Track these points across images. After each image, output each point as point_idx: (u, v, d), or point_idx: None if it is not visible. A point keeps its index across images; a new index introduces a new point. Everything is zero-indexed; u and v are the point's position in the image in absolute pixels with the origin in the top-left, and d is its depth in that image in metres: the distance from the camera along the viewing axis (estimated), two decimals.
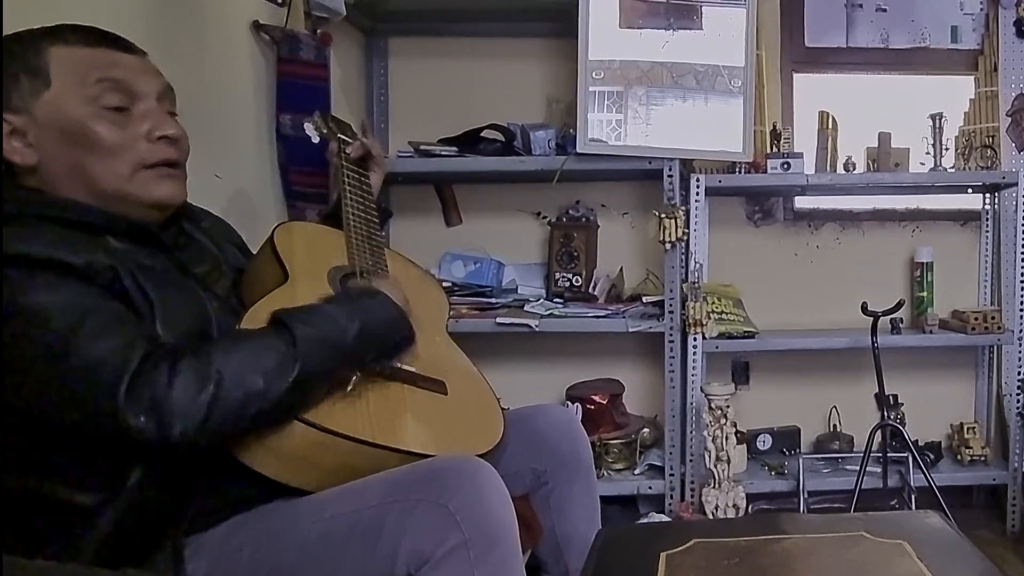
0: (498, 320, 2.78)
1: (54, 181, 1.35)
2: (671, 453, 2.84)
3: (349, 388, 1.43)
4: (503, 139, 2.91)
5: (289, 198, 2.55)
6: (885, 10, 3.25)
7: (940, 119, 2.96)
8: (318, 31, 2.60)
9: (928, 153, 2.98)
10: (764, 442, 3.12)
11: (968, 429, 3.06)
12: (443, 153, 2.87)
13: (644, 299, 2.96)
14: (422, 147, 2.88)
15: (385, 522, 1.30)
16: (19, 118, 1.32)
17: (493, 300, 2.98)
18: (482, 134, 2.92)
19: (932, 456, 3.01)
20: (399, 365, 1.57)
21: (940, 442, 3.13)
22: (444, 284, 2.93)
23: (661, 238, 2.76)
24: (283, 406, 1.31)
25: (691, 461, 2.86)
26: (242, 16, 2.38)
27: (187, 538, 1.37)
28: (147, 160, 1.40)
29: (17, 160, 1.33)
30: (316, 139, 2.18)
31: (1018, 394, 2.97)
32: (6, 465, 1.30)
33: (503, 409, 1.73)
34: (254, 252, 1.73)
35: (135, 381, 1.19)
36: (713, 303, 2.92)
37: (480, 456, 1.43)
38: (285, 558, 1.33)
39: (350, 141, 2.08)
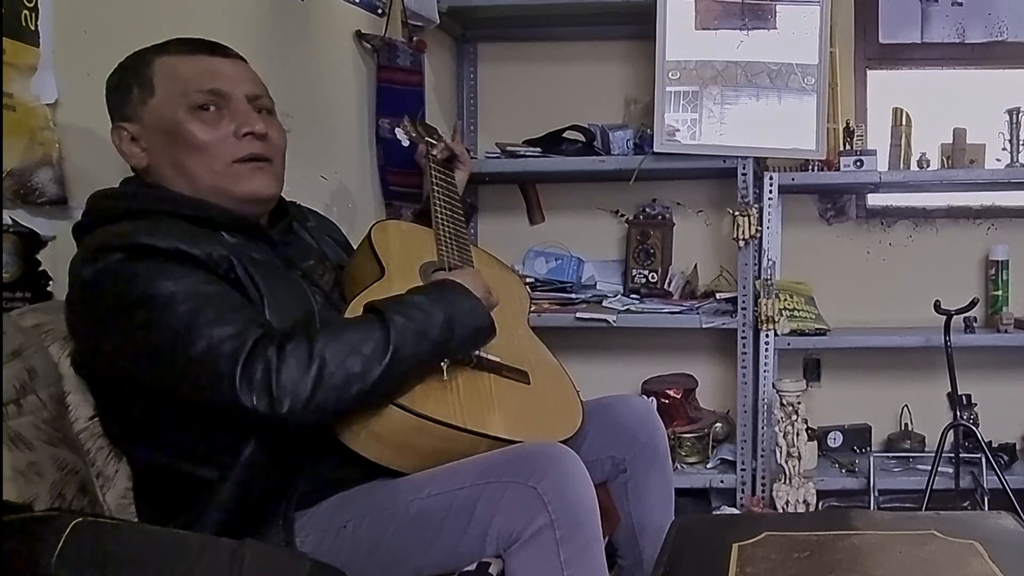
0: (578, 315, 2.85)
1: (162, 179, 1.49)
2: (743, 448, 2.87)
3: (444, 376, 1.52)
4: (584, 140, 2.98)
5: (387, 197, 2.69)
6: (961, 4, 3.18)
7: (1017, 114, 2.87)
8: (414, 39, 2.71)
9: (1005, 149, 2.90)
10: (835, 439, 3.12)
11: None
12: (527, 154, 2.96)
13: (717, 296, 2.99)
14: (508, 148, 2.97)
15: (478, 502, 1.38)
16: (133, 125, 1.47)
17: (573, 295, 3.05)
18: (564, 135, 2.99)
19: (1006, 458, 2.95)
20: (485, 355, 1.65)
21: (1015, 444, 3.08)
22: (527, 280, 3.03)
23: (735, 236, 2.80)
24: (380, 388, 1.39)
25: (762, 456, 2.89)
26: (346, 26, 2.51)
27: (296, 512, 1.47)
28: (236, 155, 1.49)
29: (134, 163, 1.49)
30: (406, 143, 2.31)
31: None
32: (137, 442, 1.44)
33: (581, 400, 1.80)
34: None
35: (248, 364, 1.29)
36: (785, 300, 2.92)
37: (561, 443, 1.50)
38: (385, 534, 1.42)
39: (436, 143, 2.19)
